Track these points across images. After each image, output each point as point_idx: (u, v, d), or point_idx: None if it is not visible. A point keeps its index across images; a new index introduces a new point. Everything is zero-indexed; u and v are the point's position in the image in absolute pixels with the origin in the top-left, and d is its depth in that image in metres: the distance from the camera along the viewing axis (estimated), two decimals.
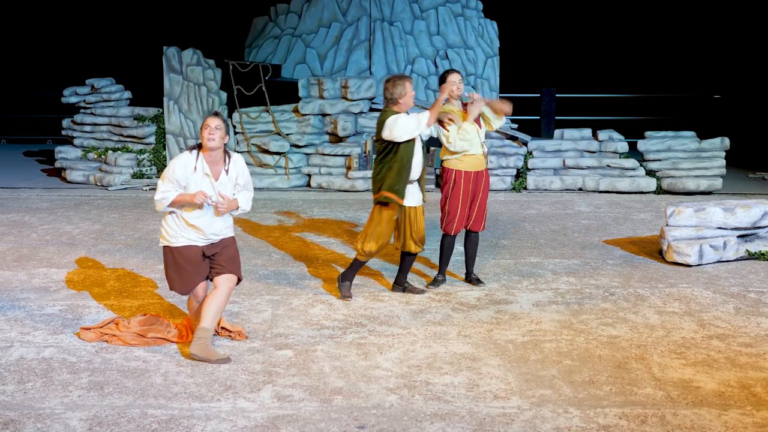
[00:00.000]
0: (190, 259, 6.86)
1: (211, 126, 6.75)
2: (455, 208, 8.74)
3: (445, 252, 8.91)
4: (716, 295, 8.73)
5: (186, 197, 6.74)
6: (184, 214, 6.82)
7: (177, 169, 6.77)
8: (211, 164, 6.84)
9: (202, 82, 16.10)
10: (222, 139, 6.79)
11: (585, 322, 7.80)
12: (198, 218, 6.82)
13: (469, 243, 9.02)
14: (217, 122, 6.76)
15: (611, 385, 6.30)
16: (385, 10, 18.22)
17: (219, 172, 6.86)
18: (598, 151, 15.92)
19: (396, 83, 8.18)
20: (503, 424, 5.61)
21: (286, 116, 16.22)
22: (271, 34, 18.62)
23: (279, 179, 15.90)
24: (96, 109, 17.04)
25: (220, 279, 6.91)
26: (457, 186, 8.70)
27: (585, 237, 11.55)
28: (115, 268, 9.66)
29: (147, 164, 16.31)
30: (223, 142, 6.82)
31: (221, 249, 6.97)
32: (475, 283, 8.98)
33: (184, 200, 6.74)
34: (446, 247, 8.89)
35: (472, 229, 8.91)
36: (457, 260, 9.81)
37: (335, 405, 5.92)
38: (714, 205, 10.28)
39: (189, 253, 6.86)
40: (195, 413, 5.76)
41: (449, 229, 8.80)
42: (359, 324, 7.71)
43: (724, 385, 6.31)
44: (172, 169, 6.78)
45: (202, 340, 6.72)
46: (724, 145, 15.85)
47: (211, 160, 6.83)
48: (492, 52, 18.57)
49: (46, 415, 5.71)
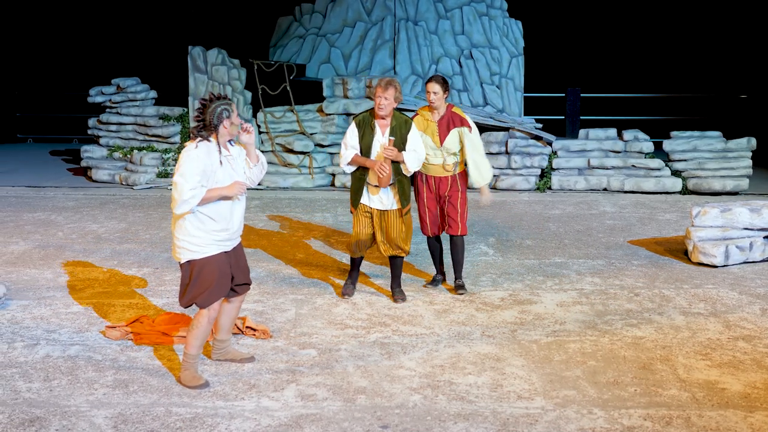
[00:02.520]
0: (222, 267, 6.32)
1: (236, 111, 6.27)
2: (422, 210, 8.77)
3: (431, 253, 9.03)
4: (742, 296, 8.67)
5: (217, 191, 6.14)
6: (210, 213, 6.20)
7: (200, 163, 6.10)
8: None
9: (227, 81, 16.15)
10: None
11: (609, 322, 7.77)
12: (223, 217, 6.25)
13: (452, 247, 8.81)
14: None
15: (636, 386, 6.27)
16: (409, 10, 18.21)
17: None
18: (624, 151, 15.84)
19: (376, 86, 8.21)
20: (527, 425, 5.60)
21: (311, 116, 16.24)
22: (296, 33, 18.65)
23: (303, 179, 15.93)
24: (122, 109, 17.13)
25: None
26: (420, 189, 8.75)
27: (610, 237, 11.50)
28: (140, 267, 9.71)
29: (172, 163, 16.37)
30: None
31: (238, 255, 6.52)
32: (457, 290, 8.71)
33: (214, 195, 6.14)
34: (430, 247, 9.00)
35: (449, 232, 8.77)
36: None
37: (359, 404, 5.93)
38: (740, 206, 10.21)
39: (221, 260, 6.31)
40: (219, 411, 5.78)
41: (423, 231, 8.86)
42: (383, 324, 7.72)
43: (750, 386, 6.27)
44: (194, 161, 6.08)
45: (218, 348, 6.76)
46: (750, 145, 15.73)
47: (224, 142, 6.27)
48: (517, 51, 18.51)
49: (71, 412, 5.75)
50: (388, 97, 8.08)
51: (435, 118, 8.57)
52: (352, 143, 8.23)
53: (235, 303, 6.61)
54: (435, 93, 8.44)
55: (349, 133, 8.26)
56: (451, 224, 8.72)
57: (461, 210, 8.70)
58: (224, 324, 6.63)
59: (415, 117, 8.62)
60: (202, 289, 6.20)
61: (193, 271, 6.22)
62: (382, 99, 8.08)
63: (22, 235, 11.42)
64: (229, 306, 6.59)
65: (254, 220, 12.62)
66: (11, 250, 10.53)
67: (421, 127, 8.55)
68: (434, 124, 8.54)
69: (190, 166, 6.02)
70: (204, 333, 6.28)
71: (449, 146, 8.53)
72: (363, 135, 8.21)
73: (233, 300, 6.57)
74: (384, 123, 8.21)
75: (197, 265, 6.20)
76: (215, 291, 6.22)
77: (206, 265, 6.20)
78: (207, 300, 6.21)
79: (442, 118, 8.56)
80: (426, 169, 8.64)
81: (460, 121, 8.56)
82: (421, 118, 8.61)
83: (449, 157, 8.59)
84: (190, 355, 6.27)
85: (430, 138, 8.52)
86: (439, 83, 8.47)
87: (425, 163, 8.56)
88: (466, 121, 8.58)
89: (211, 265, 6.21)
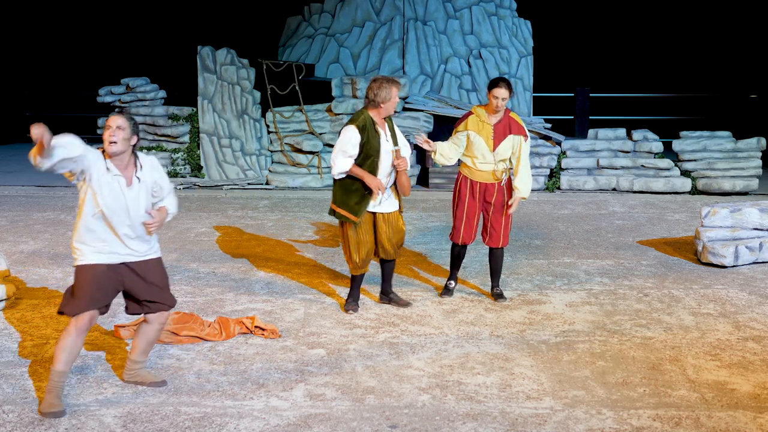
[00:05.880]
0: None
1: (112, 126, 5.69)
2: (459, 216, 8.33)
3: (453, 259, 8.57)
4: (752, 296, 8.65)
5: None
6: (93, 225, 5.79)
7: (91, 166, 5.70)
8: (120, 170, 5.79)
9: (236, 81, 16.18)
10: (127, 140, 5.74)
11: (619, 323, 7.75)
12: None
13: (492, 258, 8.51)
14: (119, 121, 5.70)
15: (645, 386, 6.26)
16: (418, 10, 18.21)
17: (130, 178, 5.81)
18: (633, 151, 15.82)
19: (382, 85, 7.70)
20: (536, 425, 5.59)
21: (320, 115, 16.26)
22: (305, 33, 18.67)
23: (312, 178, 15.94)
24: (131, 109, 17.16)
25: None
26: (463, 194, 8.30)
27: (619, 237, 11.48)
28: None
29: (181, 163, 16.41)
30: (130, 144, 5.78)
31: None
32: (496, 298, 8.49)
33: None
34: (453, 254, 8.55)
35: (489, 244, 8.41)
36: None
37: (367, 404, 5.93)
38: (750, 206, 10.19)
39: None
40: (228, 411, 5.78)
41: (453, 237, 8.43)
42: (392, 323, 7.71)
43: (759, 387, 6.25)
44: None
45: (130, 369, 6.28)
46: (760, 146, 15.70)
47: (118, 164, 5.78)
48: (526, 51, 18.49)
49: (80, 411, 5.76)
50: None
51: (492, 121, 8.12)
52: (350, 152, 7.66)
53: (154, 324, 6.13)
54: (504, 99, 7.97)
55: (348, 140, 7.65)
56: (492, 235, 8.33)
57: (506, 221, 8.33)
58: (140, 345, 6.19)
59: (470, 116, 8.18)
60: (73, 296, 5.79)
61: (75, 276, 5.87)
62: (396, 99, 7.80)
63: (32, 234, 11.45)
64: (147, 327, 6.14)
65: (263, 219, 12.63)
66: (21, 249, 10.56)
67: (475, 127, 8.12)
68: (490, 127, 8.11)
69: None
70: (70, 346, 5.75)
71: (502, 152, 8.11)
72: (368, 139, 7.67)
73: (151, 320, 6.11)
74: (382, 123, 7.85)
75: (77, 271, 5.84)
76: (84, 301, 5.75)
77: (83, 272, 5.80)
78: (73, 308, 5.74)
79: (500, 123, 8.13)
80: (472, 174, 8.24)
81: (518, 128, 8.13)
82: (477, 119, 8.14)
83: (500, 163, 8.16)
84: (55, 371, 5.75)
85: (483, 141, 8.09)
86: (508, 89, 7.98)
87: (473, 168, 8.20)
88: (523, 129, 8.18)
89: (87, 273, 5.79)
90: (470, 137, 8.17)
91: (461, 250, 8.51)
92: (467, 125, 8.19)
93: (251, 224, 12.27)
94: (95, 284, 5.78)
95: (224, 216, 12.93)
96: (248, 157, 16.23)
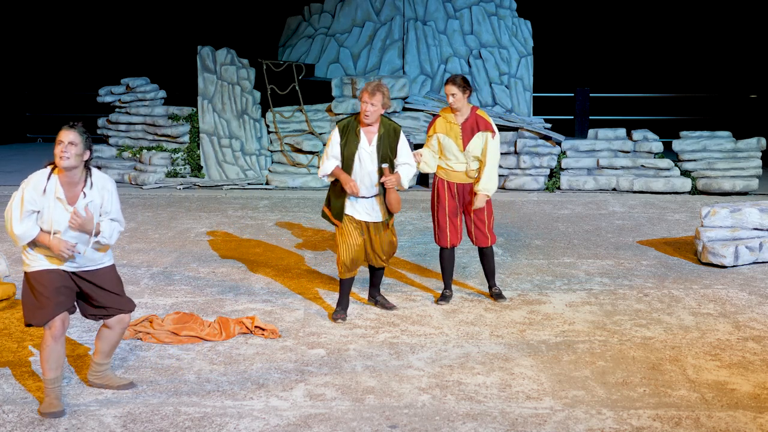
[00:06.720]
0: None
1: (64, 141, 5.63)
2: (442, 219, 8.27)
3: (444, 266, 8.46)
4: (752, 296, 8.65)
5: (45, 240, 5.69)
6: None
7: (27, 193, 5.67)
8: (67, 186, 5.72)
9: (236, 81, 16.18)
10: (80, 156, 5.66)
11: (618, 323, 7.75)
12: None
13: (483, 258, 8.47)
14: (72, 136, 5.64)
15: (645, 386, 6.26)
16: (418, 10, 18.21)
17: (76, 196, 5.74)
18: (633, 151, 15.82)
19: (362, 90, 7.63)
20: (536, 425, 5.59)
21: (320, 115, 16.26)
22: (305, 33, 18.67)
23: (312, 178, 15.94)
24: (131, 109, 17.18)
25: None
26: (442, 197, 8.26)
27: (619, 237, 11.48)
28: (149, 266, 9.72)
29: (181, 163, 16.41)
30: (83, 159, 5.70)
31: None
32: (495, 298, 8.48)
33: (43, 242, 5.72)
34: (444, 260, 8.45)
35: (478, 245, 8.37)
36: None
37: (367, 404, 5.93)
38: (750, 206, 10.19)
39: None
40: (228, 411, 5.78)
41: (439, 242, 8.34)
42: (392, 323, 7.71)
43: (759, 387, 6.25)
44: (24, 195, 5.68)
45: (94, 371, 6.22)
46: (760, 145, 15.69)
47: (67, 181, 5.71)
48: (526, 51, 18.49)
49: (80, 411, 5.76)
50: (375, 103, 7.52)
51: (459, 121, 8.12)
52: (333, 153, 7.66)
53: (116, 328, 6.06)
54: (453, 95, 7.98)
55: (331, 141, 7.68)
56: (478, 236, 8.30)
57: (488, 220, 8.33)
58: (102, 348, 6.13)
59: (437, 119, 8.23)
60: (36, 305, 5.71)
61: (25, 283, 5.83)
62: (369, 105, 7.53)
63: None
64: (108, 331, 6.08)
65: (263, 220, 12.63)
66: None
67: (444, 129, 8.16)
68: (458, 127, 8.11)
69: (19, 200, 5.76)
70: (52, 354, 5.72)
71: (472, 150, 8.10)
72: (346, 142, 7.62)
73: (112, 325, 6.04)
74: (370, 130, 7.67)
75: (33, 277, 5.78)
76: (50, 308, 5.69)
77: (39, 277, 5.75)
78: (42, 317, 5.68)
79: (466, 121, 8.12)
80: (448, 176, 8.24)
81: (485, 125, 8.11)
82: (444, 121, 8.18)
83: (472, 162, 8.16)
84: (47, 379, 5.74)
85: (453, 142, 8.11)
86: (456, 84, 7.98)
87: (447, 169, 8.24)
88: (490, 125, 8.13)
89: (43, 278, 5.73)
90: (440, 139, 8.21)
91: (450, 253, 8.45)
92: (435, 129, 8.25)
93: (251, 224, 12.27)
94: (55, 288, 5.73)
95: (224, 216, 12.94)
96: (248, 157, 16.24)
